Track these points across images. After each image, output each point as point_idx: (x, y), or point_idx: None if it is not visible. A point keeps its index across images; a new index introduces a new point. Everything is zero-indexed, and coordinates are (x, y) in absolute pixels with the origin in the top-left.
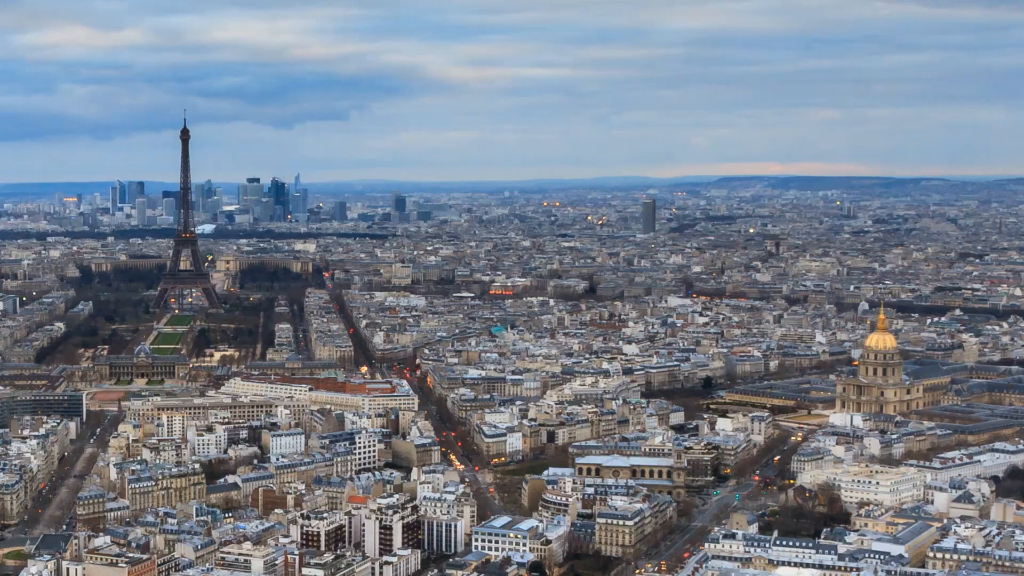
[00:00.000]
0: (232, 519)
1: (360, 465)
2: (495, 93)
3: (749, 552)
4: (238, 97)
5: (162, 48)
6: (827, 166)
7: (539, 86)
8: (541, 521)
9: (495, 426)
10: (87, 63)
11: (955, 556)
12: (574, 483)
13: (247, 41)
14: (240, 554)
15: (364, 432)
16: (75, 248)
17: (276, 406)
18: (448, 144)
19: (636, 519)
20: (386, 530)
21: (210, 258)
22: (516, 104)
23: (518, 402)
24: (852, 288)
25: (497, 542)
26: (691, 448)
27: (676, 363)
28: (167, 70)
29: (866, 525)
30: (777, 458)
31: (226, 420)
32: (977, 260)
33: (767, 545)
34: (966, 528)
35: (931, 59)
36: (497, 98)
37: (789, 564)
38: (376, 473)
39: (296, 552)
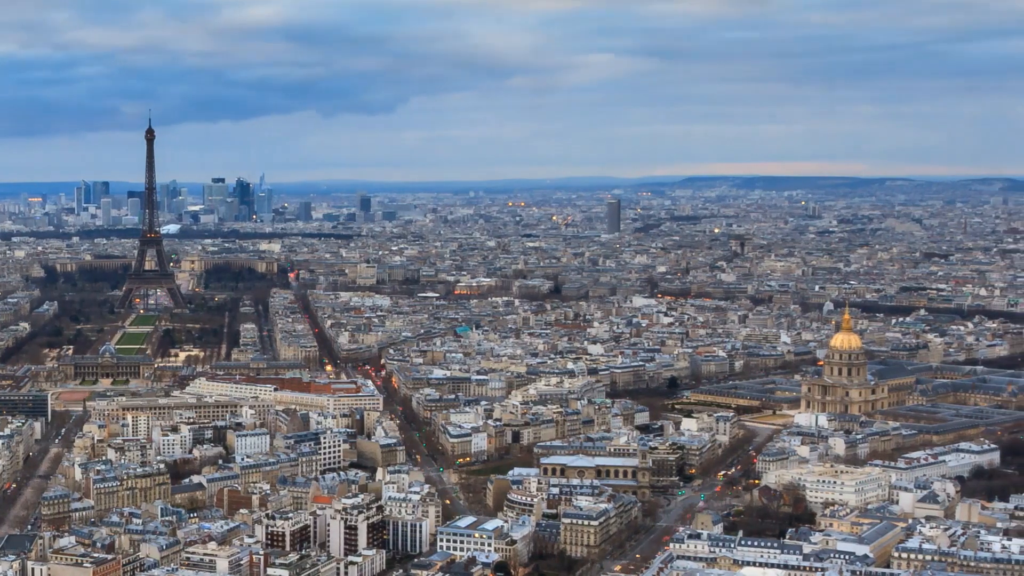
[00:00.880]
0: (197, 519)
1: (325, 465)
2: None
3: (714, 552)
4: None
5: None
6: (791, 165)
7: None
8: (506, 521)
9: (460, 426)
10: None
11: (920, 556)
12: (539, 483)
13: None
14: (205, 554)
15: (329, 432)
16: (40, 248)
17: (241, 406)
18: (412, 144)
19: (601, 519)
20: (351, 530)
21: (175, 258)
22: (483, 104)
23: (483, 402)
24: (817, 288)
25: (462, 542)
26: (656, 448)
27: (641, 363)
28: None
29: (831, 525)
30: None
31: (191, 420)
32: (942, 260)
33: (732, 545)
34: (931, 528)
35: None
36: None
37: (754, 564)
38: (341, 473)
39: (261, 552)
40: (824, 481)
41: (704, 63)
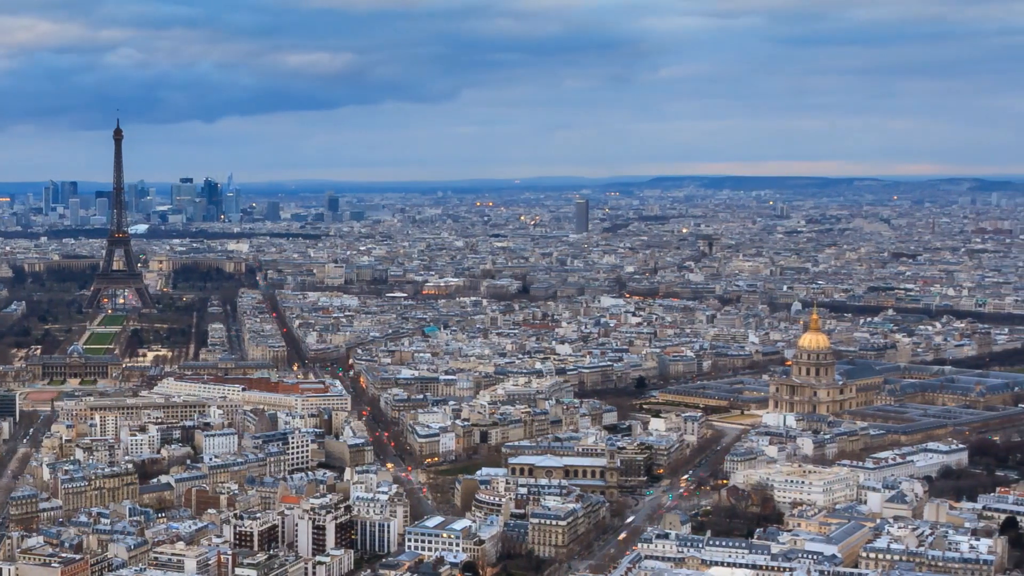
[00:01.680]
0: (165, 519)
1: (293, 465)
2: None
3: (682, 552)
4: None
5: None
6: (759, 165)
7: None
8: (474, 521)
9: (428, 426)
10: None
11: (888, 556)
12: (507, 483)
13: None
14: (173, 554)
15: (297, 432)
16: (8, 248)
17: (209, 406)
18: (383, 144)
19: (569, 519)
20: (319, 530)
21: (143, 258)
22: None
23: (451, 402)
24: (785, 288)
25: (430, 542)
26: (624, 448)
27: (609, 363)
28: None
29: (799, 525)
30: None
31: (159, 420)
32: (910, 260)
33: (700, 545)
34: (899, 528)
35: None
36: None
37: (722, 564)
38: (309, 473)
39: (229, 552)
40: (792, 481)
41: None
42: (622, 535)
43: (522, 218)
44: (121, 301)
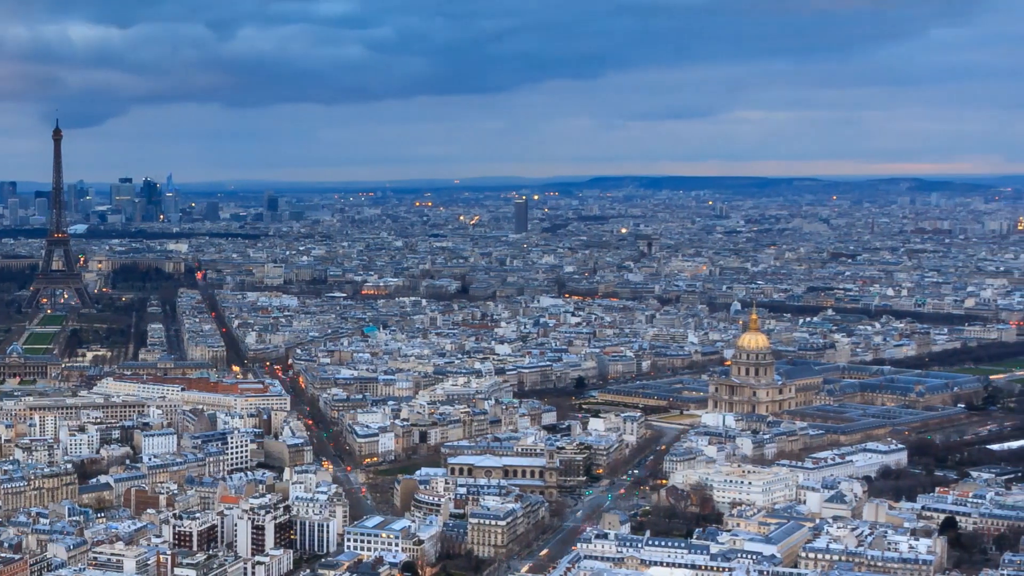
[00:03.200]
0: (104, 519)
1: (232, 465)
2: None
3: (621, 552)
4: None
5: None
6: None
7: None
8: (413, 521)
9: (367, 426)
10: None
11: (827, 556)
12: (446, 483)
13: None
14: (112, 554)
15: (236, 432)
16: None
17: (148, 406)
18: (322, 144)
19: (508, 519)
20: (258, 530)
21: (82, 258)
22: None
23: (390, 402)
24: (724, 288)
25: (369, 542)
26: (563, 448)
27: (548, 363)
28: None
29: (738, 525)
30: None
31: (98, 420)
32: (849, 260)
33: (639, 545)
34: (838, 528)
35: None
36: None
37: (661, 564)
38: (248, 473)
39: (168, 552)
40: (731, 481)
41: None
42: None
43: (461, 218)
44: (61, 301)
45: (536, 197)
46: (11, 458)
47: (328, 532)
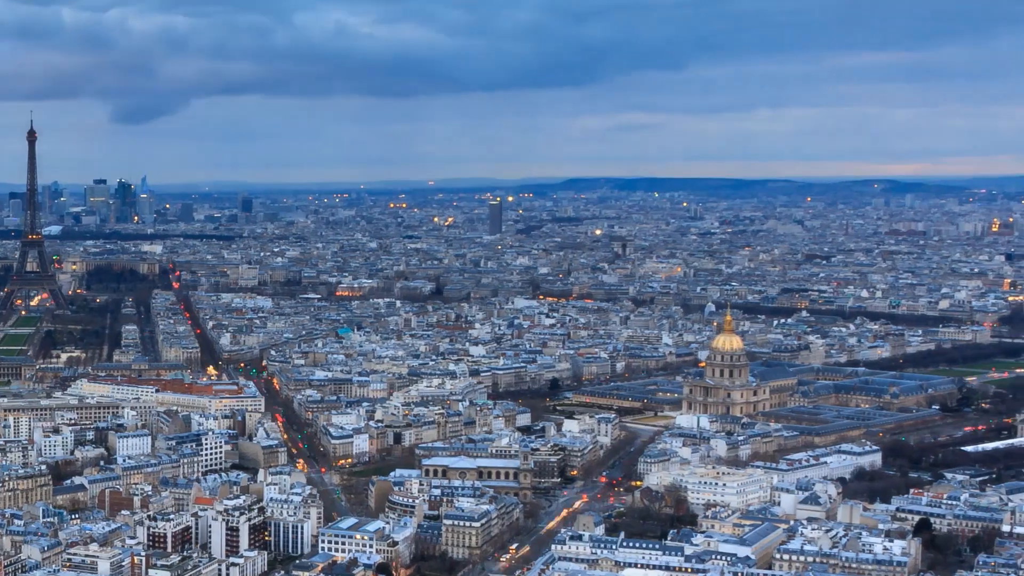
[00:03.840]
0: (79, 520)
1: (207, 466)
2: None
3: (596, 554)
4: None
5: None
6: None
7: None
8: (388, 523)
9: (342, 427)
10: None
11: (802, 557)
12: (420, 484)
13: None
14: (87, 555)
15: (211, 433)
16: None
17: (123, 407)
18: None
19: (483, 521)
20: (233, 531)
21: (57, 260)
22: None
23: (364, 403)
24: (699, 289)
25: (344, 543)
26: (538, 450)
27: (523, 364)
28: None
29: (713, 527)
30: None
31: (73, 421)
32: (823, 262)
33: (614, 547)
34: (813, 530)
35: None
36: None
37: (636, 566)
38: (223, 474)
39: (143, 553)
40: (706, 482)
41: None
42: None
43: (436, 220)
44: (35, 302)
45: (511, 199)
46: None
47: (302, 533)
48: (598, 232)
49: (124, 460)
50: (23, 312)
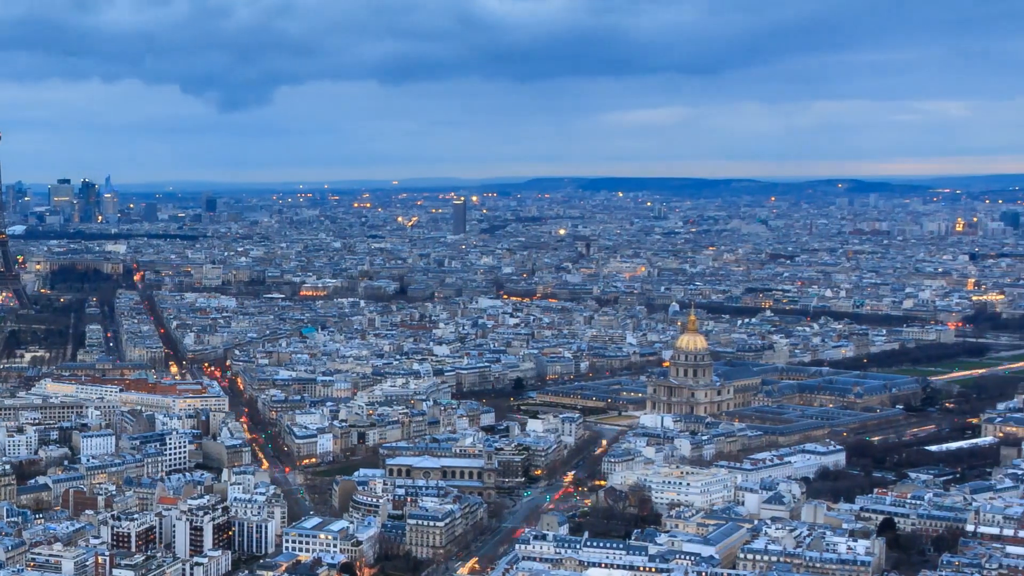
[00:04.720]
0: (42, 520)
1: (170, 466)
2: None
3: (560, 553)
4: None
5: None
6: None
7: None
8: (352, 522)
9: (306, 427)
10: None
11: (766, 557)
12: (384, 484)
13: None
14: (51, 555)
15: (174, 433)
16: None
17: (86, 407)
18: (260, 144)
19: (447, 520)
20: (197, 531)
21: (21, 259)
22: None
23: (328, 403)
24: (663, 289)
25: (308, 543)
26: (502, 449)
27: (487, 364)
28: None
29: (677, 526)
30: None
31: (36, 421)
32: (787, 261)
33: (578, 546)
34: (777, 529)
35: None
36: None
37: (600, 565)
38: (186, 474)
39: (107, 553)
40: (670, 482)
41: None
42: (499, 536)
43: (400, 219)
44: None
45: (475, 199)
46: None
47: (267, 533)
48: (562, 232)
49: (88, 460)
50: None
